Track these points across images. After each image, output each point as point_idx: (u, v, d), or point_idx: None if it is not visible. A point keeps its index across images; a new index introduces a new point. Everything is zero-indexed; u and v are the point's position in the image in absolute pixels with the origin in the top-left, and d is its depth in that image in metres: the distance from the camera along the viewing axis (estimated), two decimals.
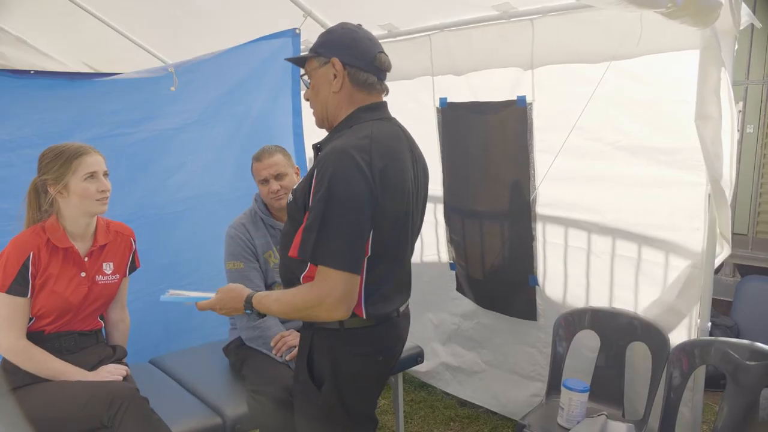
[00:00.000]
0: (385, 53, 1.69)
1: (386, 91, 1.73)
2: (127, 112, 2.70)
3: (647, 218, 2.44)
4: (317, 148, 1.71)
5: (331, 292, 1.50)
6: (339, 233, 1.50)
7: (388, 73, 1.71)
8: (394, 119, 1.73)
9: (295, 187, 1.70)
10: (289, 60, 1.85)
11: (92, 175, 2.01)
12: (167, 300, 1.85)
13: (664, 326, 2.41)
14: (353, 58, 1.64)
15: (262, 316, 1.72)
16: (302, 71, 1.75)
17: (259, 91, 3.12)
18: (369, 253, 1.57)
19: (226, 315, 1.79)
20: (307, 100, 1.75)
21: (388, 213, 1.58)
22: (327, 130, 1.74)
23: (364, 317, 1.62)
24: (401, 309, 1.76)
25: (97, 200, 2.02)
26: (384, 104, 1.72)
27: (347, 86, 1.65)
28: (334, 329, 1.63)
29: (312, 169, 1.57)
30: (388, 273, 1.67)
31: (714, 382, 2.63)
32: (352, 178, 1.50)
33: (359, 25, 1.73)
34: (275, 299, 1.65)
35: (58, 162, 1.99)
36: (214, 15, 3.56)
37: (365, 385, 1.73)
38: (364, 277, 1.59)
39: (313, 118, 1.76)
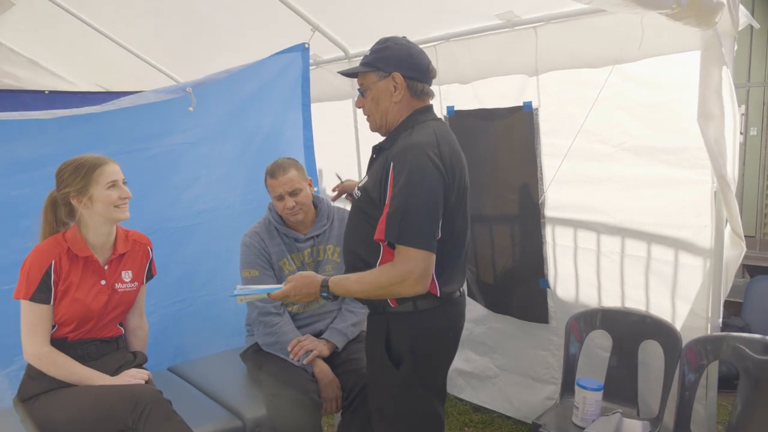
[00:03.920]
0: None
1: (433, 95, 1.92)
2: (143, 127, 2.74)
3: (655, 217, 2.47)
4: (378, 149, 1.91)
5: (414, 269, 1.68)
6: (420, 217, 1.69)
7: None
8: (440, 119, 1.93)
9: (361, 184, 1.88)
10: (341, 72, 1.98)
11: (114, 184, 2.06)
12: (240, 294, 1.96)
13: (676, 323, 2.43)
14: (412, 71, 1.82)
15: (335, 299, 1.86)
16: (358, 83, 1.90)
17: (270, 105, 3.16)
18: (440, 236, 1.74)
19: (299, 302, 1.92)
20: (359, 107, 1.94)
21: (453, 199, 1.78)
22: (382, 134, 1.92)
23: (438, 295, 1.79)
24: (462, 289, 1.95)
25: (117, 207, 2.06)
26: (432, 106, 1.92)
27: (406, 96, 1.84)
28: (410, 312, 1.80)
29: (386, 165, 1.75)
30: (454, 255, 1.85)
31: (728, 383, 2.64)
32: (429, 169, 1.70)
33: (404, 36, 1.91)
34: (355, 280, 1.80)
35: (79, 174, 2.03)
36: (224, 32, 3.63)
37: (439, 359, 1.91)
38: (435, 257, 1.74)
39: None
